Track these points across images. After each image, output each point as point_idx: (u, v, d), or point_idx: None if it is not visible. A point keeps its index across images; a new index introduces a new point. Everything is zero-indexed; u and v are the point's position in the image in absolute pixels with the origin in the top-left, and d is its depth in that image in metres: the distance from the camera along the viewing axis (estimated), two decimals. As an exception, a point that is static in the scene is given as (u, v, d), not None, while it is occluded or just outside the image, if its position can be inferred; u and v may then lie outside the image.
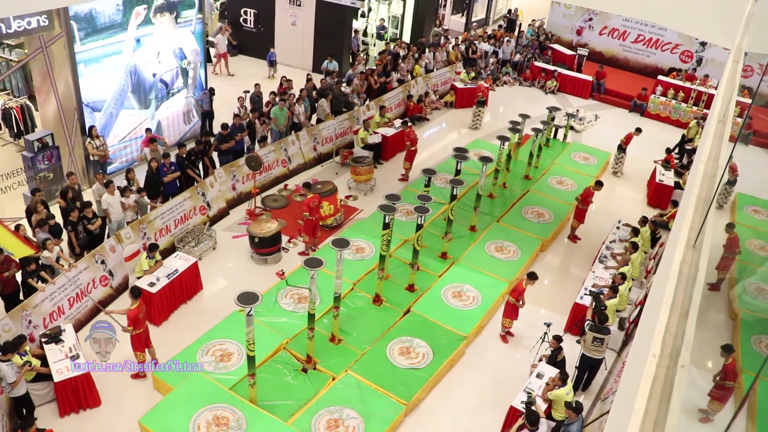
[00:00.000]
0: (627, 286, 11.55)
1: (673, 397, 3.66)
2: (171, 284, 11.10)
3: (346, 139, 17.25)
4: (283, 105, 15.87)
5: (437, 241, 13.36)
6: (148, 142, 13.82)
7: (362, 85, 18.91)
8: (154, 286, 10.89)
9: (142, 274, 11.09)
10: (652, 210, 16.12)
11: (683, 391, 3.84)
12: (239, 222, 13.89)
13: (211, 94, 16.64)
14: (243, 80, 19.75)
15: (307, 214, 12.53)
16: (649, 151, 18.41)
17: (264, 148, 15.30)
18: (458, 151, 13.86)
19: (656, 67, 25.14)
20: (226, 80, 20.82)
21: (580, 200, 13.96)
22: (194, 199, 13.21)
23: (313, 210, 12.56)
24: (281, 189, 15.38)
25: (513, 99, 22.48)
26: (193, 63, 16.19)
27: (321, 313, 11.06)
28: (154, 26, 14.68)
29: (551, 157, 17.85)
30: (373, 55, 23.34)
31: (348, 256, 12.55)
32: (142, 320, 9.61)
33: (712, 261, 7.04)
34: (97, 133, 13.61)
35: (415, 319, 11.34)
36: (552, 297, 12.78)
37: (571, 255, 14.32)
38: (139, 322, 9.54)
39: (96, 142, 13.50)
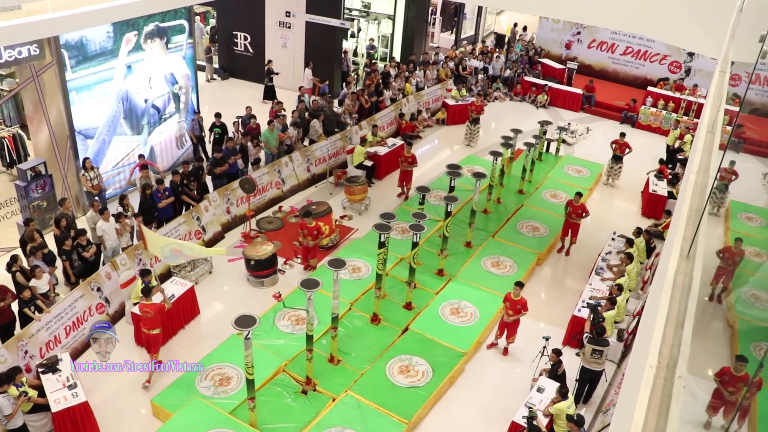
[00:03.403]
0: (624, 297, 11.58)
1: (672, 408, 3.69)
2: (168, 310, 11.02)
3: (339, 159, 17.32)
4: (273, 128, 15.95)
5: (433, 259, 13.37)
6: (141, 168, 13.85)
7: (354, 104, 19.02)
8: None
9: (138, 300, 11.05)
10: (646, 220, 16.19)
11: (681, 402, 3.87)
12: (235, 245, 13.89)
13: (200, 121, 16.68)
14: (236, 104, 19.83)
15: (308, 238, 12.58)
16: (641, 161, 18.52)
17: (257, 170, 15.34)
18: (452, 168, 13.93)
19: (646, 78, 25.36)
20: (218, 104, 20.92)
21: (573, 215, 14.03)
22: (189, 223, 13.22)
23: (308, 234, 12.61)
24: (276, 211, 15.40)
25: (504, 114, 22.63)
26: (184, 88, 16.28)
27: (319, 334, 11.03)
28: (145, 52, 14.79)
29: (544, 171, 17.94)
30: (363, 75, 23.49)
31: (345, 276, 12.55)
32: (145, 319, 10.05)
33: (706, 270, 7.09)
34: (92, 165, 13.59)
35: (414, 337, 11.33)
36: (550, 310, 12.79)
37: (568, 268, 14.35)
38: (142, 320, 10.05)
39: (90, 174, 13.47)
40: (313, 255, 12.94)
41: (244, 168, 15.48)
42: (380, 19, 25.05)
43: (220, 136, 16.02)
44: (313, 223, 12.59)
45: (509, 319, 11.04)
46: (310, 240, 12.69)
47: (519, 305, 10.98)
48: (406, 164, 15.85)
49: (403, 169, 15.96)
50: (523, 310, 10.99)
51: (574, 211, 14.03)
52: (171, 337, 11.28)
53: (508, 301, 11.09)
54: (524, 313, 11.02)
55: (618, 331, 11.44)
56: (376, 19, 25.04)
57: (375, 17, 24.99)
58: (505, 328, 11.27)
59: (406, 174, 16.03)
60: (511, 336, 11.27)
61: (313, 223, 12.62)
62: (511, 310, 11.01)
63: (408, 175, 16.03)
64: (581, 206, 14.08)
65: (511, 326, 11.19)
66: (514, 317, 11.01)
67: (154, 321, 10.13)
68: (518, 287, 11.02)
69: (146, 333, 10.23)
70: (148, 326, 10.16)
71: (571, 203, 14.12)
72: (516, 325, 11.18)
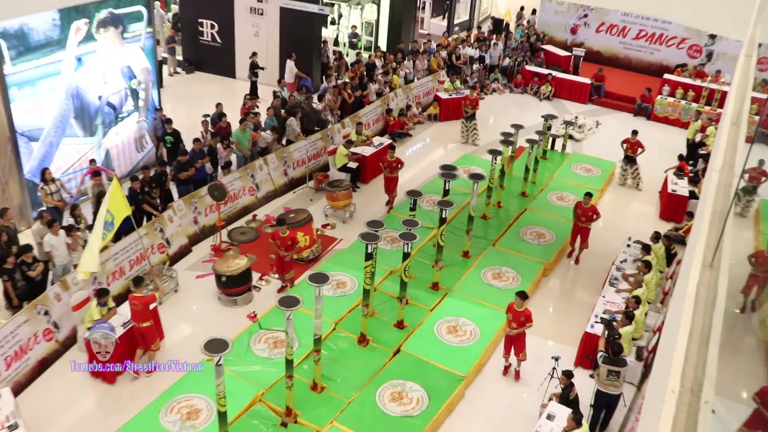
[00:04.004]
0: (643, 311, 11.58)
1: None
2: (127, 334, 10.94)
3: (320, 161, 17.28)
4: (245, 127, 15.88)
5: (427, 271, 13.35)
6: (93, 175, 13.71)
7: (336, 100, 19.01)
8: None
9: (93, 324, 10.94)
10: (665, 224, 16.25)
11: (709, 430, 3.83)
12: (203, 260, 13.82)
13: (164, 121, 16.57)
14: (203, 101, 19.77)
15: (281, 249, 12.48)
16: (658, 158, 18.59)
17: (228, 175, 15.27)
18: (446, 169, 13.92)
19: (662, 64, 25.51)
20: (183, 101, 20.85)
21: (583, 218, 14.04)
22: (151, 236, 13.12)
23: (281, 245, 12.48)
24: (249, 220, 15.34)
25: (504, 108, 22.71)
26: (144, 83, 16.20)
27: (300, 358, 10.96)
28: (98, 43, 14.69)
29: (550, 171, 18.00)
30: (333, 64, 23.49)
31: (327, 293, 12.50)
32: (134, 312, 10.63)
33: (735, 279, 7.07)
34: (52, 177, 13.40)
35: (407, 360, 11.29)
36: (559, 327, 12.78)
37: (578, 278, 14.37)
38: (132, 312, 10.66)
39: (51, 188, 13.28)
40: (289, 268, 12.86)
41: (213, 173, 15.41)
42: (363, 3, 25.09)
43: (173, 146, 15.73)
44: (287, 233, 12.48)
45: (512, 332, 11.02)
46: (283, 251, 12.57)
47: (522, 317, 10.95)
48: (390, 170, 15.67)
49: (387, 175, 15.78)
50: (527, 323, 10.96)
51: (583, 213, 14.05)
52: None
53: (510, 312, 11.07)
54: (529, 326, 11.00)
55: (637, 349, 11.44)
56: (359, 3, 25.07)
57: (358, 2, 25.03)
58: (510, 346, 11.24)
59: (390, 181, 15.82)
60: (520, 352, 11.22)
61: (287, 232, 12.51)
62: (514, 322, 10.99)
63: (392, 182, 15.81)
64: (591, 208, 14.10)
65: (517, 340, 11.16)
66: (518, 330, 10.98)
67: (143, 314, 10.66)
68: (521, 298, 10.99)
69: (137, 327, 10.75)
70: (139, 319, 10.69)
71: (580, 205, 14.14)
72: (522, 339, 11.15)
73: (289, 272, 12.88)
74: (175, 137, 15.89)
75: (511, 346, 11.25)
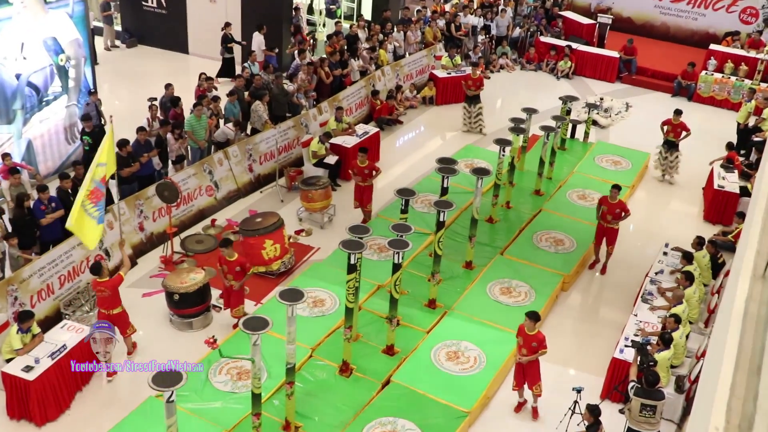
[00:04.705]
0: (683, 333, 11.60)
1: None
2: (57, 366, 10.86)
3: (292, 154, 17.28)
4: (200, 113, 15.83)
5: (422, 285, 13.39)
6: (8, 173, 13.62)
7: (310, 80, 19.01)
8: (31, 370, 10.61)
9: (14, 355, 10.86)
10: (711, 227, 16.32)
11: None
12: (151, 274, 13.81)
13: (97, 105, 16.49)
14: (148, 80, 19.73)
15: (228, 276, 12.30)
16: (702, 147, 18.64)
17: (181, 171, 15.26)
18: (444, 163, 13.95)
19: (707, 33, 25.44)
20: (124, 82, 20.79)
21: (608, 216, 14.06)
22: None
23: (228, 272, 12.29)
24: (207, 226, 15.33)
25: (513, 88, 22.79)
26: (74, 59, 16.14)
27: (270, 392, 10.97)
28: (13, 8, 14.60)
29: (569, 164, 18.09)
30: (322, 40, 23.50)
31: (302, 312, 12.50)
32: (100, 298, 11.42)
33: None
34: None
35: (399, 393, 11.30)
36: (581, 352, 12.84)
37: (604, 293, 14.43)
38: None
39: None
40: (237, 303, 12.53)
41: (163, 168, 15.37)
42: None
43: (91, 148, 14.84)
44: (234, 257, 12.30)
45: (524, 359, 11.04)
46: (231, 279, 12.42)
47: (535, 342, 10.98)
48: (362, 179, 15.10)
49: (358, 184, 15.22)
50: (540, 349, 10.98)
51: (609, 211, 14.08)
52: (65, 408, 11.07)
53: (521, 336, 11.09)
54: (542, 353, 11.01)
55: (676, 378, 11.47)
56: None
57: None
58: (522, 376, 11.26)
59: (362, 192, 15.25)
60: (534, 383, 11.24)
61: (235, 256, 12.35)
62: (525, 347, 11.01)
63: (365, 193, 15.26)
64: (619, 204, 14.14)
65: (530, 369, 11.19)
66: (528, 357, 11.00)
67: (112, 299, 11.37)
68: (532, 320, 11.00)
69: (107, 314, 11.37)
70: (107, 306, 11.34)
71: (605, 200, 14.17)
72: (536, 367, 11.17)
73: (237, 307, 12.47)
74: (93, 138, 15.08)
75: (524, 377, 11.28)
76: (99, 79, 17.30)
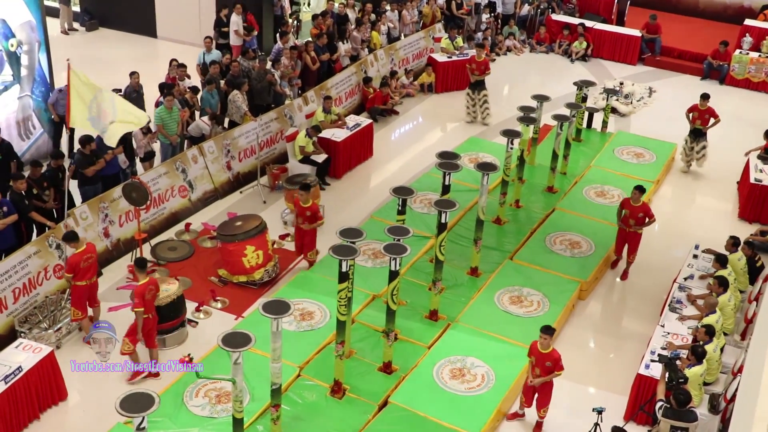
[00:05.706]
0: (717, 346, 11.58)
1: None
2: (11, 391, 10.81)
3: (275, 149, 17.30)
4: (170, 104, 15.81)
5: (422, 295, 13.42)
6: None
7: (294, 66, 19.01)
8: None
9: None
10: (747, 226, 16.35)
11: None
12: (119, 286, 13.80)
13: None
14: (111, 68, 19.71)
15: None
16: (735, 136, 18.63)
17: (150, 170, 15.25)
18: (445, 158, 13.97)
19: (741, 6, 25.42)
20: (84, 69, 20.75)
21: (631, 220, 14.09)
22: (45, 254, 13.08)
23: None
24: (181, 231, 15.35)
25: (522, 73, 22.81)
26: (26, 44, 16.13)
27: (253, 416, 10.97)
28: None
29: (586, 157, 18.13)
30: (307, 20, 23.50)
31: (289, 327, 12.52)
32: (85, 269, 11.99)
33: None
34: None
35: (397, 415, 11.29)
36: (602, 368, 12.86)
37: (627, 301, 14.45)
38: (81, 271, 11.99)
39: None
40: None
41: (130, 167, 15.36)
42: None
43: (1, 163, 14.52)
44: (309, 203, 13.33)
45: (536, 381, 11.06)
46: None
47: (549, 361, 10.99)
48: (302, 220, 13.96)
49: (298, 226, 14.11)
50: (556, 370, 10.99)
51: (632, 214, 14.13)
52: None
53: (533, 355, 11.10)
54: (557, 374, 11.03)
55: (710, 397, 11.47)
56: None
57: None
58: (533, 395, 11.30)
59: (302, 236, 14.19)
60: (543, 406, 11.28)
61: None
62: (538, 367, 11.03)
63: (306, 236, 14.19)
64: (642, 207, 14.20)
65: (542, 391, 11.21)
66: (542, 379, 11.03)
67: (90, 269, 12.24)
68: (547, 335, 11.01)
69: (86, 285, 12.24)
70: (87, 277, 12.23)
71: (627, 203, 14.23)
72: (549, 389, 11.20)
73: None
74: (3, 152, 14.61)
75: (534, 396, 11.30)
76: (54, 67, 17.21)
